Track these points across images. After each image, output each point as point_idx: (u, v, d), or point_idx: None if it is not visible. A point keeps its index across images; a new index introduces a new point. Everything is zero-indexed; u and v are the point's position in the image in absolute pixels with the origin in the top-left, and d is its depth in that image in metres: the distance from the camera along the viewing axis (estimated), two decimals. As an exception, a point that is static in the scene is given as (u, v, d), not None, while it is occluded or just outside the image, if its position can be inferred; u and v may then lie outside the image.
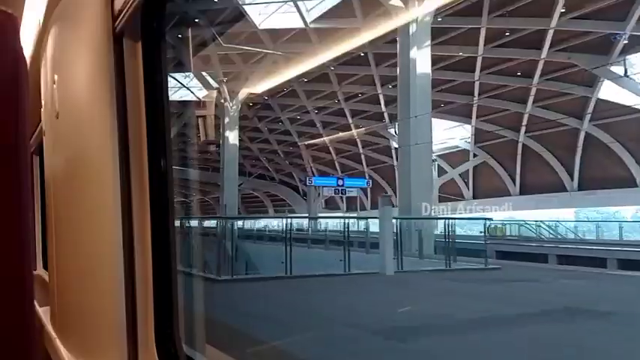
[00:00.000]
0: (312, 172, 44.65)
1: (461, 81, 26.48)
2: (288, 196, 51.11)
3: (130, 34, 1.16)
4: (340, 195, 30.67)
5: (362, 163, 39.66)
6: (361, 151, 38.54)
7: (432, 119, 30.69)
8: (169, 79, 1.25)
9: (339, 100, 31.66)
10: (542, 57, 23.08)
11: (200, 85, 32.10)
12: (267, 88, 28.67)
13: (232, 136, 27.55)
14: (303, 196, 50.17)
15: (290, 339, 5.56)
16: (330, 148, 40.52)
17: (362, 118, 33.48)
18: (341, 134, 36.59)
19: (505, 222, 28.01)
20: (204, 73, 28.45)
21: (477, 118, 29.00)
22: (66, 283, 1.63)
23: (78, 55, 1.37)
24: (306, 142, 40.47)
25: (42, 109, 1.85)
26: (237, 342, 5.07)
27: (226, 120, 27.48)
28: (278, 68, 26.90)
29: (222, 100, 27.63)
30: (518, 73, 24.80)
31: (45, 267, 2.62)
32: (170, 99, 1.24)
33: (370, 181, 32.49)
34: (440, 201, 32.19)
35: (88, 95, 1.32)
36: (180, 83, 33.07)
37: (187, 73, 32.41)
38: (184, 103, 29.45)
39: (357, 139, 36.99)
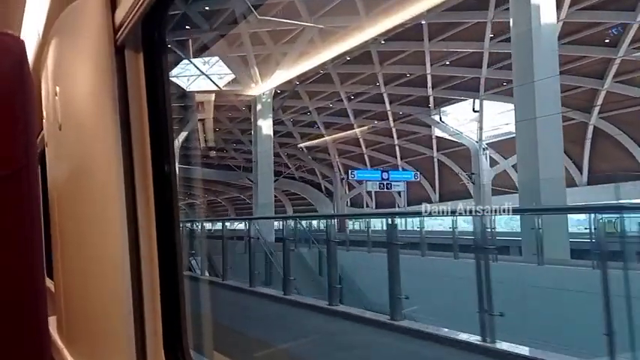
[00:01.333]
0: (339, 167, 41.22)
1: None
2: (309, 194, 47.65)
3: (132, 46, 1.18)
4: (384, 188, 27.15)
5: (396, 156, 36.23)
6: (396, 142, 35.10)
7: (485, 102, 27.53)
8: (172, 82, 1.17)
9: (378, 84, 28.20)
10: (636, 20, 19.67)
11: (225, 71, 28.79)
12: (299, 73, 25.26)
13: (266, 126, 24.12)
14: (326, 194, 46.82)
15: None
16: (361, 140, 37.08)
17: (401, 103, 30.03)
18: (377, 123, 33.18)
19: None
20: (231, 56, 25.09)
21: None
22: (72, 293, 1.64)
23: (79, 66, 1.40)
24: (334, 135, 37.13)
25: (44, 121, 1.86)
26: None
27: (258, 107, 24.03)
28: (315, 48, 23.50)
29: (254, 85, 24.19)
30: (606, 41, 21.31)
31: (49, 276, 2.52)
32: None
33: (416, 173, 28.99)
34: (492, 194, 28.88)
35: (91, 107, 1.33)
36: (200, 71, 29.84)
37: (208, 59, 29.11)
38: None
39: (393, 129, 33.56)
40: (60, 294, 1.79)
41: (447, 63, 23.65)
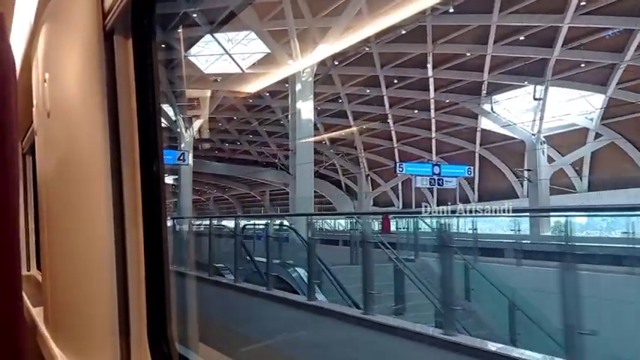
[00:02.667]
0: (364, 162, 37.99)
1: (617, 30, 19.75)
2: (328, 191, 44.29)
3: (121, 31, 1.16)
4: (435, 185, 23.91)
5: (430, 150, 33.00)
6: (433, 135, 31.88)
7: (550, 88, 24.32)
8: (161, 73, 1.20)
9: (425, 67, 24.96)
10: None
11: (254, 49, 25.49)
12: (341, 49, 22.03)
13: (306, 109, 20.81)
14: (346, 192, 43.54)
15: None
16: (393, 133, 33.85)
17: (448, 90, 26.81)
18: (416, 112, 29.94)
19: None
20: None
21: (616, 84, 22.31)
22: (59, 284, 1.63)
23: (68, 53, 1.37)
24: (364, 126, 33.90)
25: (34, 109, 1.83)
26: None
27: (297, 87, 20.73)
28: (360, 21, 20.28)
29: (292, 62, 20.91)
30: None
31: (39, 267, 2.70)
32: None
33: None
34: (550, 193, 25.70)
35: (79, 93, 1.31)
36: (224, 50, 26.57)
37: (234, 36, 25.80)
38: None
39: (433, 120, 30.34)
40: (46, 285, 1.80)
41: (522, 38, 20.39)
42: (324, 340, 5.03)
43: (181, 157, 21.74)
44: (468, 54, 22.51)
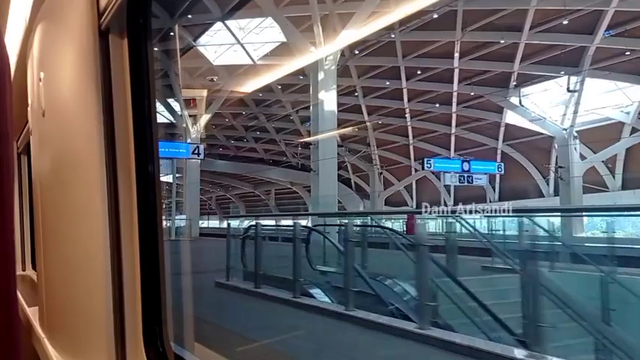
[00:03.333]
0: (377, 160, 36.37)
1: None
2: (339, 192, 42.67)
3: (116, 31, 1.16)
4: (464, 182, 22.31)
5: (449, 147, 31.43)
6: (453, 130, 30.32)
7: (587, 79, 22.78)
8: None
9: (450, 57, 23.39)
10: None
11: (268, 37, 23.86)
12: (360, 38, 20.43)
13: (329, 99, 19.19)
14: (356, 191, 41.94)
15: None
16: (409, 129, 32.29)
17: (474, 82, 25.22)
18: (438, 106, 28.36)
19: None
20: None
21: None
22: (54, 283, 1.63)
23: (64, 52, 1.37)
24: (380, 121, 32.30)
25: (29, 108, 1.83)
26: None
27: (320, 76, 19.10)
28: (387, 5, 18.69)
29: (314, 49, 19.29)
30: None
31: (34, 267, 2.71)
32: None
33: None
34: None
35: (74, 92, 1.31)
36: (236, 38, 24.95)
37: (247, 23, 24.17)
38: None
39: (454, 114, 28.79)
40: (42, 285, 1.79)
41: (565, 22, 18.82)
42: None
43: (196, 151, 20.12)
44: (502, 41, 20.91)
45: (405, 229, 23.93)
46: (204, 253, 12.40)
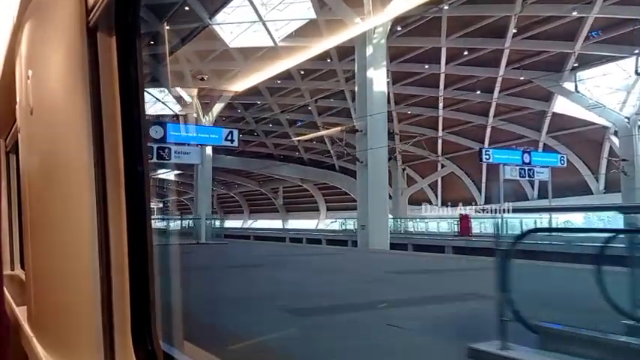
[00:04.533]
0: (399, 155, 33.66)
1: None
2: (353, 188, 39.82)
3: (104, 28, 1.15)
4: (525, 176, 19.61)
5: (482, 140, 28.77)
6: (490, 121, 27.68)
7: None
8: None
9: (504, 35, 20.72)
10: None
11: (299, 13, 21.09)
12: (405, 10, 17.68)
13: (378, 77, 16.42)
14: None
15: None
16: (439, 120, 29.57)
17: (523, 66, 22.56)
18: (479, 94, 25.68)
19: None
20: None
21: None
22: (42, 283, 1.63)
23: (52, 49, 1.37)
24: (408, 111, 29.61)
25: (17, 106, 1.83)
26: None
27: (368, 51, 16.31)
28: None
29: (359, 20, 16.49)
30: None
31: (23, 267, 2.71)
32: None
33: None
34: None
35: (62, 90, 1.30)
36: (257, 14, 22.10)
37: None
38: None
39: (494, 102, 26.14)
40: (30, 284, 1.79)
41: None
42: None
43: (229, 137, 17.19)
44: (574, 13, 18.22)
45: (459, 229, 21.34)
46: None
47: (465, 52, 22.40)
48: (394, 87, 27.69)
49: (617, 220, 6.92)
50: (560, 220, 16.40)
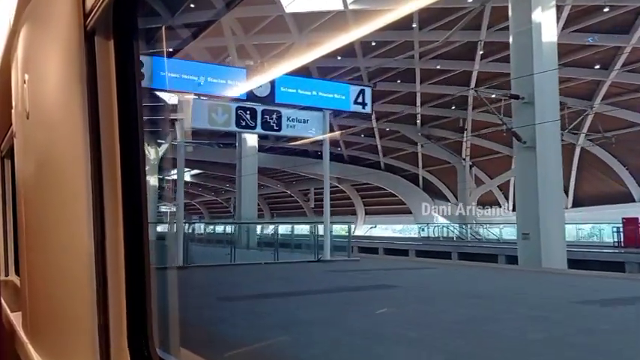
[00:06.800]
0: (466, 150, 28.76)
1: None
2: (399, 189, 34.87)
3: (102, 32, 1.15)
4: None
5: (577, 131, 23.89)
6: (595, 104, 22.82)
7: None
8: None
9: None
10: None
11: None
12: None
13: (546, 22, 11.50)
14: (424, 190, 34.17)
15: None
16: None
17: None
18: (597, 68, 20.86)
19: None
20: None
21: None
22: (37, 289, 1.62)
23: (48, 53, 1.36)
24: (491, 96, 24.71)
25: (13, 111, 1.82)
26: None
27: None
28: None
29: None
30: None
31: (17, 272, 2.65)
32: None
33: None
34: None
35: (59, 94, 1.29)
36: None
37: None
38: None
39: (606, 82, 21.35)
40: (25, 290, 1.77)
41: None
42: None
43: (360, 98, 12.14)
44: None
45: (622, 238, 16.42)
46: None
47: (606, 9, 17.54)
48: (482, 61, 22.89)
49: None
50: None
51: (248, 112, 11.73)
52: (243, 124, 11.76)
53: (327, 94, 12.36)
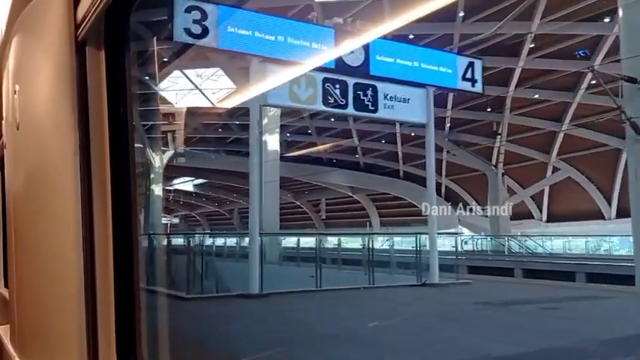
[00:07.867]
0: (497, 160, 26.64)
1: None
2: (420, 199, 32.70)
3: (93, 43, 1.15)
4: None
5: (620, 135, 21.87)
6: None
7: None
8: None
9: None
10: None
11: None
12: None
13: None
14: (445, 200, 32.02)
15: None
16: (573, 105, 22.66)
17: None
18: None
19: None
20: None
21: None
22: (26, 301, 1.61)
23: (39, 63, 1.36)
24: (536, 95, 22.69)
25: (3, 121, 1.81)
26: None
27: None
28: None
29: None
30: None
31: (6, 285, 2.58)
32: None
33: None
34: None
35: (50, 105, 1.29)
36: None
37: None
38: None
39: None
40: (13, 302, 1.76)
41: None
42: None
43: (468, 74, 9.89)
44: None
45: None
46: None
47: None
48: (528, 57, 20.90)
49: None
50: None
51: (338, 86, 9.53)
52: (332, 101, 9.57)
53: (431, 65, 10.14)
